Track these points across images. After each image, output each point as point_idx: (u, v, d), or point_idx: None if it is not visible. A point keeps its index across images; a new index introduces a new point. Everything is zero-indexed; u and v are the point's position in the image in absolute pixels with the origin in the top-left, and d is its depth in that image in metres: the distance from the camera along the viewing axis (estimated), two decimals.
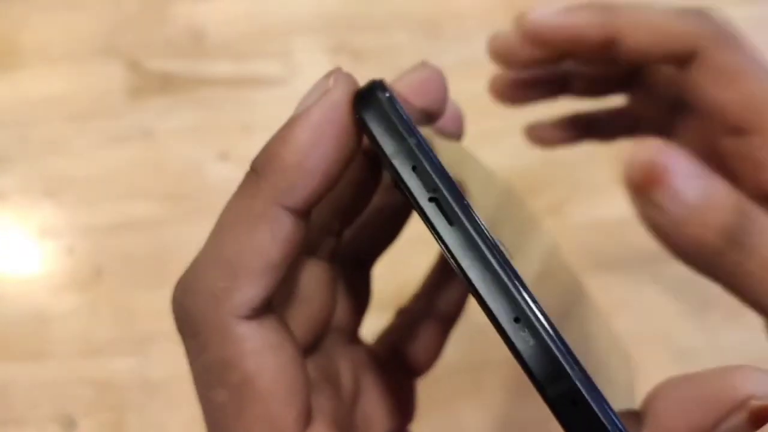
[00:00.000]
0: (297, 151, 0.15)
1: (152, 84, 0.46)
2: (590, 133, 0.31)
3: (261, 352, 0.16)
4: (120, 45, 0.47)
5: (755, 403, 0.14)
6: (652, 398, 0.15)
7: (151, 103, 0.46)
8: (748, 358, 0.40)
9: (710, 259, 0.20)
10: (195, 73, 0.47)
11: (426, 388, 0.23)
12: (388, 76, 0.17)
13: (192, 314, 0.16)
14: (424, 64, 0.19)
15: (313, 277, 0.19)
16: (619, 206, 0.46)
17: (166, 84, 0.46)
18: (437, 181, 0.15)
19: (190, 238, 0.42)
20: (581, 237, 0.43)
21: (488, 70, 0.28)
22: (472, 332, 0.27)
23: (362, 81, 0.16)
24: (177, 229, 0.42)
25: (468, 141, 0.22)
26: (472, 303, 0.15)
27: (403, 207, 0.21)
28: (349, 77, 0.16)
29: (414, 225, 0.20)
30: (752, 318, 0.21)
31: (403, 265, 0.26)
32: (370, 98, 0.15)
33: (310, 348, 0.19)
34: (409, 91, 0.18)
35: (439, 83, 0.19)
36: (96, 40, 0.47)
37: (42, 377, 0.40)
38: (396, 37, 0.47)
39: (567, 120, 0.31)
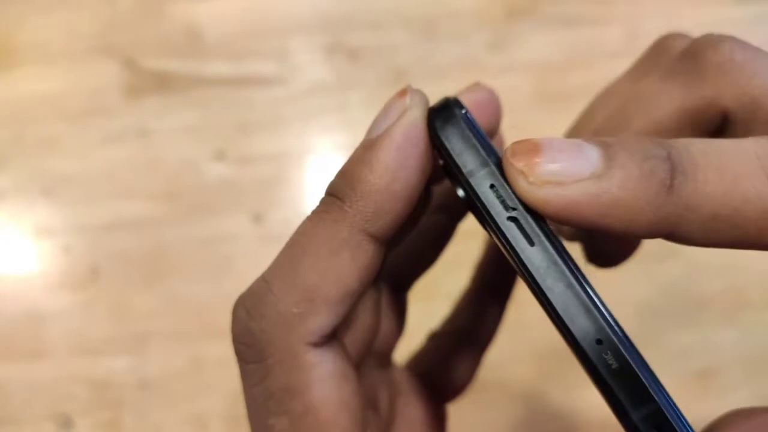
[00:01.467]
0: (383, 175, 0.15)
1: (149, 83, 0.46)
2: None
3: (327, 381, 0.15)
4: (116, 44, 0.47)
5: None
6: (719, 426, 0.15)
7: (147, 102, 0.46)
8: (742, 358, 0.40)
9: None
10: (191, 72, 0.47)
11: None
12: (385, 75, 0.17)
13: (259, 338, 0.15)
14: (478, 85, 0.18)
15: (363, 301, 0.18)
16: None
17: (162, 83, 0.46)
18: (517, 199, 0.14)
19: (186, 238, 0.42)
20: None
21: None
22: None
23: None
24: (173, 228, 0.42)
25: None
26: None
27: (444, 230, 0.21)
28: (423, 94, 0.15)
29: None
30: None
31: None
32: (447, 115, 0.15)
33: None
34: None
35: (495, 105, 0.18)
36: (92, 38, 0.47)
37: (38, 376, 0.40)
38: (392, 36, 0.47)
39: None
